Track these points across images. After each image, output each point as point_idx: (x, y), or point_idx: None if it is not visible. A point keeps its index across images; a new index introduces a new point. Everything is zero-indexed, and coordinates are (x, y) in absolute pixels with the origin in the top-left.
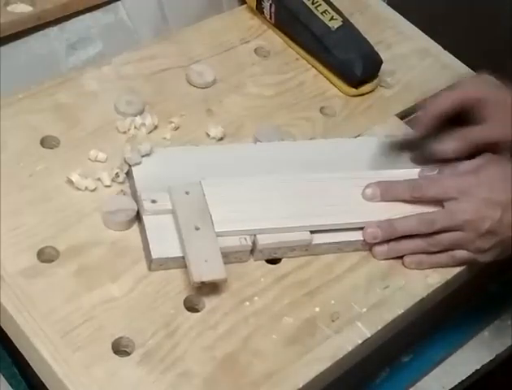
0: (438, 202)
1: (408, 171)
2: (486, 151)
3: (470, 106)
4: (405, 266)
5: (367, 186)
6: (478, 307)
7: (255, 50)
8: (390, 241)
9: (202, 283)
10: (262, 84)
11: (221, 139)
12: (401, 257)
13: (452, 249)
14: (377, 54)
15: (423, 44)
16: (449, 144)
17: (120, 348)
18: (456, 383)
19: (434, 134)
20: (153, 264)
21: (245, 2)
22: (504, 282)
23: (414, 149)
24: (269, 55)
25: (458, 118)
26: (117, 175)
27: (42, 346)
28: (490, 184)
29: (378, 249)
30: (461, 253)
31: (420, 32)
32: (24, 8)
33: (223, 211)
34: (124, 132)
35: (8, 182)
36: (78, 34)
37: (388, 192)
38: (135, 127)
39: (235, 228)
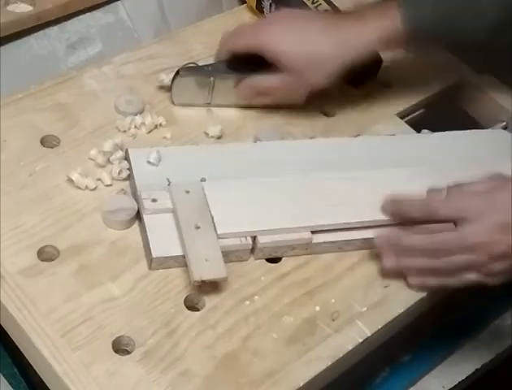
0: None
1: (409, 170)
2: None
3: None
4: (407, 286)
5: (383, 203)
6: (478, 307)
7: None
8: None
9: (203, 282)
10: None
11: (219, 137)
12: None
13: (461, 271)
14: (377, 53)
15: None
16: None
17: (121, 347)
18: (456, 382)
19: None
20: (153, 263)
21: (245, 2)
22: (504, 282)
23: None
24: None
25: None
26: (120, 172)
27: (43, 345)
28: (504, 207)
29: (388, 262)
30: (469, 276)
31: None
32: (24, 8)
33: (224, 213)
34: (124, 132)
35: (8, 181)
36: (78, 34)
37: (399, 213)
38: (135, 127)
39: (236, 230)
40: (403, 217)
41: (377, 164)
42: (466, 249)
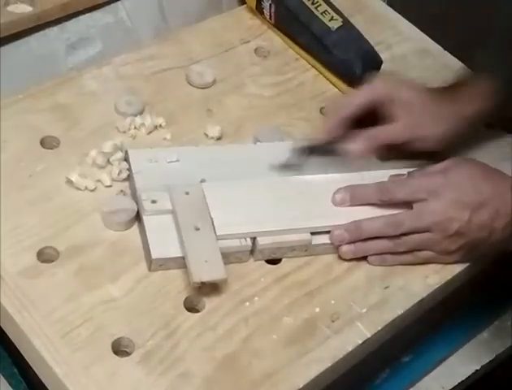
0: (408, 204)
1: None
2: (397, 150)
3: (379, 105)
4: (368, 263)
5: (336, 191)
6: (478, 307)
7: (255, 50)
8: (357, 241)
9: (202, 283)
10: (262, 84)
11: (219, 138)
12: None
13: (418, 250)
14: (377, 54)
15: (423, 44)
16: (359, 144)
17: (120, 349)
18: (456, 383)
19: (342, 136)
20: (153, 264)
21: (245, 2)
22: (504, 282)
23: (323, 153)
24: (269, 55)
25: (367, 117)
26: (119, 173)
27: (42, 346)
28: (459, 185)
29: (345, 248)
30: (426, 253)
31: (420, 32)
32: (24, 8)
33: (224, 214)
34: (124, 132)
35: (8, 182)
36: (78, 34)
37: (357, 197)
38: (135, 128)
39: (235, 231)
40: (361, 202)
41: (376, 165)
42: (421, 227)
